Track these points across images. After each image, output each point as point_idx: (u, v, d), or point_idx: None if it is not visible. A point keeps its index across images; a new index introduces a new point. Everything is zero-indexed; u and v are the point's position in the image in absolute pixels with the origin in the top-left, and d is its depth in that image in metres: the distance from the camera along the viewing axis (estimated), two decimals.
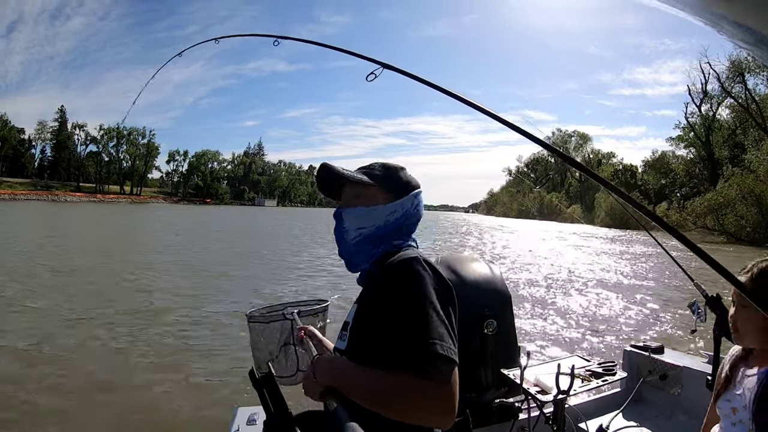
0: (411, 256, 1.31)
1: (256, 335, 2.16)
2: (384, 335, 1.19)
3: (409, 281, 1.23)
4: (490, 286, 2.11)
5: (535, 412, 2.11)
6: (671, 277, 14.56)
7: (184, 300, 9.07)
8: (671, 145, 72.17)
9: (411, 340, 1.12)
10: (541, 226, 64.22)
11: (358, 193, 1.49)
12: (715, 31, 1.42)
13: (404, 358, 1.11)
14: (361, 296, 1.44)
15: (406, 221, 1.48)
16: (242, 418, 2.19)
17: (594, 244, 30.53)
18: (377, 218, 1.45)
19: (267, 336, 2.13)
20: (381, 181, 1.49)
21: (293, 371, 2.10)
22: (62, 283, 10.13)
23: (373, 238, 1.45)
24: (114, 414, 4.40)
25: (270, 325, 2.14)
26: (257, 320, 2.17)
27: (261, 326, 2.15)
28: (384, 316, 1.22)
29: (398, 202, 1.47)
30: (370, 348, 1.25)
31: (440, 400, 1.07)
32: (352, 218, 1.47)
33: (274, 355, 2.12)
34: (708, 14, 1.42)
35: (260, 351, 2.14)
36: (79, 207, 64.92)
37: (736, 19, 1.33)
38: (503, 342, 2.08)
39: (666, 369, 2.73)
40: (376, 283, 1.36)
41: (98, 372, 5.27)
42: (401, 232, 1.48)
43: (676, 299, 10.91)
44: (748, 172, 42.00)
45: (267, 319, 2.16)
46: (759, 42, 1.38)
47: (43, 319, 7.17)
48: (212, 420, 4.28)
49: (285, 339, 2.12)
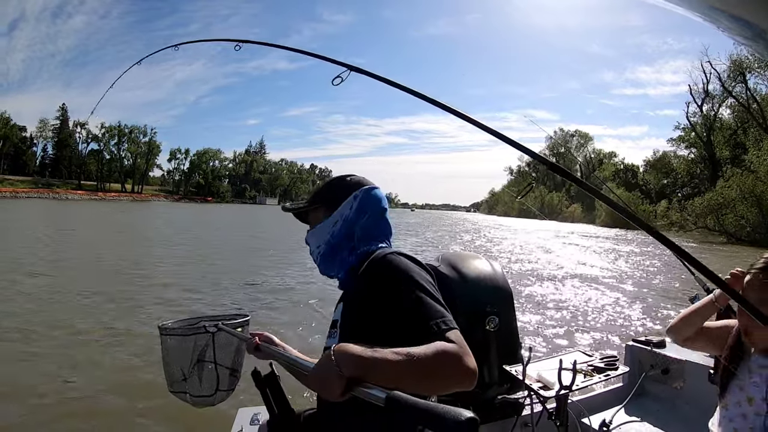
0: (385, 252, 1.41)
1: (168, 349, 2.00)
2: (383, 326, 1.23)
3: (393, 271, 1.31)
4: (492, 283, 2.12)
5: (538, 408, 2.11)
6: (672, 272, 14.55)
7: (182, 300, 9.13)
8: (672, 145, 72.17)
9: (419, 323, 1.17)
10: (541, 225, 64.14)
11: (311, 218, 1.66)
12: (713, 26, 1.43)
13: (421, 336, 1.13)
14: (345, 295, 1.53)
15: (354, 226, 1.55)
16: (245, 418, 2.18)
17: (595, 243, 30.48)
18: (324, 233, 1.57)
19: (179, 351, 1.98)
20: (320, 199, 1.63)
21: (211, 391, 1.99)
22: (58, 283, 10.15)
23: (330, 251, 1.57)
24: (114, 415, 4.42)
25: (185, 339, 1.98)
26: (170, 333, 2.00)
27: (174, 340, 1.99)
28: (379, 308, 1.27)
29: (335, 212, 1.56)
30: (367, 341, 1.20)
31: (469, 360, 1.11)
32: (310, 240, 1.63)
33: (186, 373, 1.99)
34: (706, 9, 1.43)
35: (171, 367, 2.00)
36: (81, 205, 64.86)
37: (734, 14, 1.34)
38: (505, 338, 2.09)
39: (668, 363, 2.74)
40: (358, 283, 1.43)
41: (97, 372, 5.29)
42: (361, 237, 1.54)
43: (677, 293, 10.97)
44: (749, 172, 41.94)
45: (184, 332, 1.99)
46: (757, 36, 1.39)
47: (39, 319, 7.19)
48: (214, 421, 4.27)
49: (200, 355, 1.97)
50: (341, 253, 1.55)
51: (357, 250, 1.52)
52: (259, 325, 1.70)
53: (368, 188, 1.60)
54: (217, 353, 1.96)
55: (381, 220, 1.59)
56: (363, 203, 1.56)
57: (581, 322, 8.12)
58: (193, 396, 2.01)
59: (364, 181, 1.63)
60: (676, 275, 13.66)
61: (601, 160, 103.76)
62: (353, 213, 1.55)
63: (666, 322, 8.00)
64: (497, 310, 2.04)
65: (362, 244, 1.53)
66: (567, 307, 9.28)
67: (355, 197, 1.56)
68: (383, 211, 1.61)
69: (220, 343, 1.96)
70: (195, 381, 1.98)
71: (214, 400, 2.00)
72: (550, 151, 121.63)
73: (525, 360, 2.00)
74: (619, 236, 39.75)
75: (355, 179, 1.63)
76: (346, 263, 1.53)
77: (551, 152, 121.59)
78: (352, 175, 1.66)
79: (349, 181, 1.62)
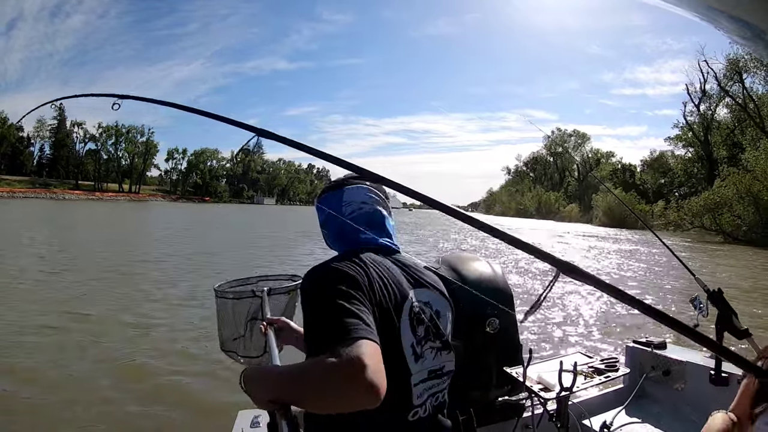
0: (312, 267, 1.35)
1: (224, 312, 2.09)
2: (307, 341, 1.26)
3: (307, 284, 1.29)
4: (492, 285, 2.12)
5: (539, 410, 2.12)
6: (672, 273, 14.58)
7: (183, 299, 9.11)
8: (670, 144, 72.46)
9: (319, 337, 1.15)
10: (538, 224, 64.25)
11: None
12: (712, 26, 1.44)
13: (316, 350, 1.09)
14: None
15: (334, 230, 1.54)
16: (245, 420, 2.17)
17: (593, 243, 30.50)
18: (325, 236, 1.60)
19: (235, 313, 2.07)
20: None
21: (259, 352, 2.05)
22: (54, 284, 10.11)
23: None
24: (113, 416, 4.39)
25: (240, 302, 2.07)
26: (225, 296, 2.10)
27: (230, 302, 2.09)
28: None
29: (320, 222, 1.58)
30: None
31: (363, 374, 0.97)
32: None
33: (241, 334, 2.07)
34: (705, 10, 1.43)
35: (227, 329, 2.10)
36: (77, 205, 64.76)
37: (734, 14, 1.34)
38: (506, 340, 2.09)
39: (669, 364, 2.74)
40: None
41: (95, 374, 5.27)
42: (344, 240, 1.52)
43: (677, 295, 10.97)
44: (745, 171, 42.02)
45: (236, 295, 2.09)
46: (756, 37, 1.39)
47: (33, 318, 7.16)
48: (214, 422, 4.26)
49: (253, 315, 2.06)
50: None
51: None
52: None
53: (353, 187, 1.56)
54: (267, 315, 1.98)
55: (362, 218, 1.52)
56: (333, 205, 1.54)
57: (582, 324, 8.12)
58: (242, 356, 2.10)
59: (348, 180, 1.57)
60: (676, 276, 13.70)
61: (598, 160, 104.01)
62: (324, 217, 1.56)
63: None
64: (497, 312, 2.04)
65: (338, 247, 1.55)
66: (567, 308, 9.28)
67: (319, 207, 1.58)
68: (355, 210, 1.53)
69: (272, 305, 2.02)
70: (246, 341, 2.08)
71: (261, 361, 2.06)
72: (548, 151, 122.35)
73: (525, 362, 2.00)
74: (616, 236, 39.85)
75: (330, 182, 1.63)
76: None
77: (549, 152, 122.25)
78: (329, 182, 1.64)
79: (327, 185, 1.62)
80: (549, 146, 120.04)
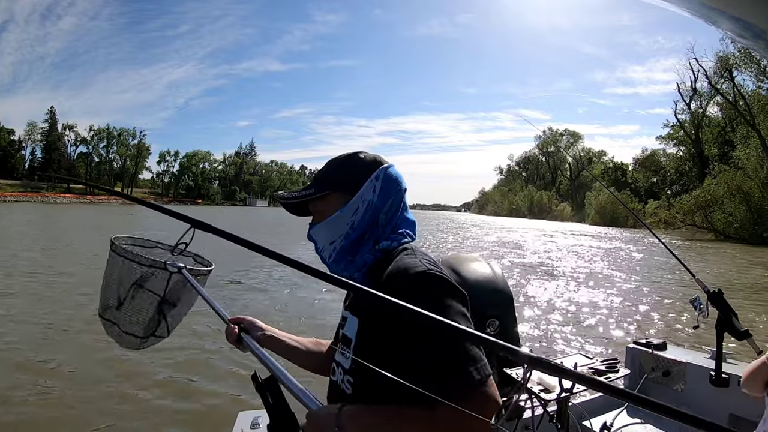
0: (420, 267, 1.12)
1: (113, 268, 1.80)
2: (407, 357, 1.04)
3: (429, 300, 1.03)
4: (492, 286, 2.11)
5: (539, 411, 2.11)
6: (671, 272, 14.64)
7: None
8: (661, 143, 72.88)
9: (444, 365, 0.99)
10: (530, 224, 64.44)
11: (316, 208, 1.37)
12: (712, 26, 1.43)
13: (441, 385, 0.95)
14: (361, 308, 1.25)
15: (376, 214, 1.30)
16: (245, 421, 2.16)
17: (589, 242, 30.61)
18: (341, 226, 1.31)
19: (125, 274, 1.79)
20: (332, 184, 1.34)
21: (145, 333, 1.84)
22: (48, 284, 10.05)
23: (349, 248, 1.31)
24: (112, 418, 4.35)
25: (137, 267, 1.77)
26: (123, 254, 1.79)
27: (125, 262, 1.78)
28: (402, 336, 1.05)
29: (356, 197, 1.30)
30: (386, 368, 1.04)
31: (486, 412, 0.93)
32: (320, 236, 1.35)
33: (122, 299, 1.80)
34: (705, 9, 1.43)
35: (109, 288, 1.82)
36: (69, 208, 64.30)
37: (734, 14, 1.34)
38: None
39: (669, 365, 2.75)
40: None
41: (94, 375, 5.22)
42: (382, 229, 1.30)
43: (677, 295, 10.99)
44: (736, 169, 42.31)
45: (140, 260, 1.78)
46: (756, 37, 1.39)
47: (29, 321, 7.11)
48: (214, 423, 4.27)
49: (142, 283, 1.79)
50: (363, 248, 1.29)
51: (379, 243, 1.27)
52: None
53: (387, 166, 1.35)
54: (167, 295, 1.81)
55: (403, 206, 1.35)
56: (386, 184, 1.31)
57: (582, 325, 8.13)
58: (122, 331, 1.84)
59: (379, 158, 1.38)
60: (676, 276, 13.75)
61: (590, 159, 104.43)
62: (377, 197, 1.29)
63: (666, 324, 8.09)
64: (498, 314, 2.03)
65: (384, 237, 1.29)
66: (567, 310, 9.31)
67: (377, 177, 1.31)
68: (404, 193, 1.37)
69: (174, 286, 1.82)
70: (129, 312, 1.82)
71: (141, 344, 1.85)
72: (540, 150, 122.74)
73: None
74: (609, 235, 40.03)
75: (370, 156, 1.37)
76: (367, 261, 1.27)
77: (541, 151, 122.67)
78: (362, 151, 1.38)
79: (364, 158, 1.36)
80: (541, 146, 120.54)
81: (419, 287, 1.06)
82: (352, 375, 1.22)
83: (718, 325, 2.20)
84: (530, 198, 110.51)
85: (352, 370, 1.22)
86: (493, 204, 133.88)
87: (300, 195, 1.36)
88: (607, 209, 66.27)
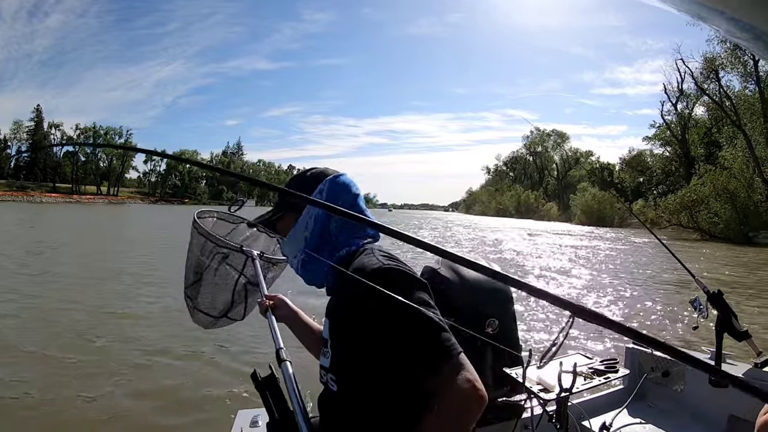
0: (376, 264, 1.25)
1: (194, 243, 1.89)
2: (380, 352, 1.19)
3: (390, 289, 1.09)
4: (491, 285, 2.10)
5: (538, 411, 2.11)
6: (671, 273, 14.72)
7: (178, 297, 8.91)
8: (648, 143, 73.52)
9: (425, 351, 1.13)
10: (516, 223, 64.73)
11: (280, 227, 1.53)
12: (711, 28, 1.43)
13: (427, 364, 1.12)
14: (331, 311, 1.40)
15: (326, 224, 1.42)
16: (245, 420, 2.15)
17: (579, 242, 30.78)
18: (298, 241, 1.44)
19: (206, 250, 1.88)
20: (284, 205, 1.52)
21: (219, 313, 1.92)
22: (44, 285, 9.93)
23: (309, 259, 1.42)
24: (110, 414, 4.34)
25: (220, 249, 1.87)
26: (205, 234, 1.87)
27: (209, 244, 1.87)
28: (373, 331, 1.18)
29: (303, 214, 1.44)
30: (362, 363, 1.25)
31: (481, 389, 1.11)
32: (286, 251, 1.52)
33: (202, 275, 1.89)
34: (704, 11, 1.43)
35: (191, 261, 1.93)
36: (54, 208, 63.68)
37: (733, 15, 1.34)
38: (505, 340, 2.08)
39: (668, 366, 2.75)
40: (342, 296, 1.35)
41: (92, 375, 5.19)
42: (335, 237, 1.42)
43: (676, 295, 11.06)
44: (722, 169, 42.71)
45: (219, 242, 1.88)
46: (756, 39, 1.39)
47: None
48: (214, 422, 4.25)
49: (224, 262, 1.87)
50: (328, 256, 1.39)
51: (338, 250, 1.40)
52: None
53: (333, 177, 1.46)
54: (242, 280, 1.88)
55: (356, 209, 1.44)
56: (331, 195, 1.43)
57: (581, 324, 8.06)
58: (196, 308, 1.94)
59: (326, 171, 1.49)
60: (675, 276, 13.83)
61: (577, 159, 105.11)
62: (321, 212, 1.42)
63: (666, 325, 8.14)
64: (497, 313, 2.03)
65: (342, 242, 1.40)
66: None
67: (320, 191, 1.43)
68: (355, 197, 1.47)
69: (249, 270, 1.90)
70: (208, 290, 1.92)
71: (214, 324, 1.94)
72: (527, 150, 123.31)
73: (525, 362, 1.99)
74: (597, 234, 40.30)
75: (315, 171, 1.50)
76: (328, 269, 1.40)
77: (528, 151, 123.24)
78: (312, 168, 1.52)
79: (309, 175, 1.49)
80: (529, 145, 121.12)
81: (378, 283, 1.10)
82: (334, 373, 1.33)
83: (718, 325, 2.21)
84: (517, 198, 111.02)
85: (333, 369, 1.34)
86: (480, 204, 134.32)
87: (262, 220, 1.56)
88: (593, 209, 66.75)
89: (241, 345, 6.14)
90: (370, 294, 1.12)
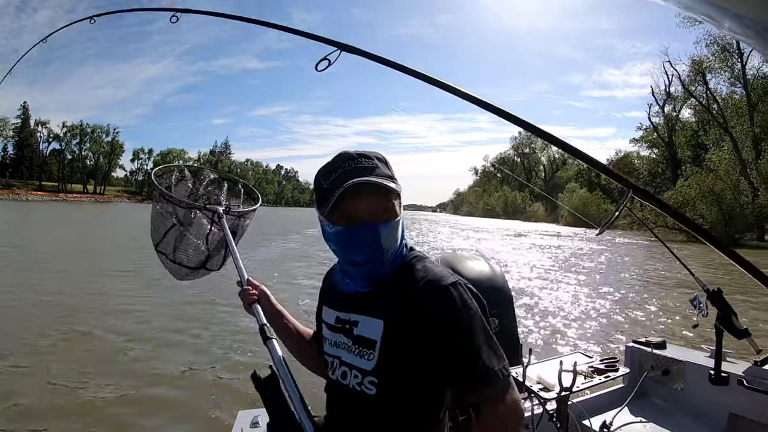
0: (447, 281, 1.20)
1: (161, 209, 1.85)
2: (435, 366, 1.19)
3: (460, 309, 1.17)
4: (492, 285, 2.10)
5: (539, 410, 2.11)
6: (670, 272, 14.80)
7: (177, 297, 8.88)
8: (635, 145, 74.04)
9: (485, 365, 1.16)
10: (503, 224, 64.97)
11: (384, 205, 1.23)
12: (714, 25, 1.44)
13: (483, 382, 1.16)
14: (384, 312, 1.23)
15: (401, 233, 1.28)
16: (245, 420, 2.14)
17: (570, 243, 31.00)
18: (400, 229, 1.27)
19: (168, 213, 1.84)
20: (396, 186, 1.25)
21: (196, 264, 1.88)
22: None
23: (398, 251, 1.27)
24: (111, 417, 4.31)
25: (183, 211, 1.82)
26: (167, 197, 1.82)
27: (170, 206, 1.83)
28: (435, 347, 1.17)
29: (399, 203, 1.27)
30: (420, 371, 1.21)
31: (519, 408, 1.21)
32: (388, 236, 1.23)
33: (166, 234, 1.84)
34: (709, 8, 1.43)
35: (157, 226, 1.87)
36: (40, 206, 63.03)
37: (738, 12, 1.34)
38: (505, 340, 2.07)
39: (668, 364, 2.77)
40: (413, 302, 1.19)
41: (92, 374, 5.15)
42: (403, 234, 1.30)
43: (676, 294, 11.12)
44: (708, 171, 43.03)
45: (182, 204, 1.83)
46: (757, 35, 1.40)
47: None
48: (213, 422, 4.24)
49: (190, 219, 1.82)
50: (398, 254, 1.28)
51: (404, 249, 1.30)
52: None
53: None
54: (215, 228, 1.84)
55: None
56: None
57: (581, 324, 8.15)
58: (171, 260, 1.88)
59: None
60: (675, 275, 13.90)
61: (564, 161, 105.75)
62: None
63: (666, 323, 8.17)
64: (497, 312, 2.02)
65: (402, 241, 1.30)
66: (567, 309, 9.34)
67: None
68: None
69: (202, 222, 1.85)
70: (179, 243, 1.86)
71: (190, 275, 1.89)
72: (515, 152, 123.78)
73: (525, 362, 1.99)
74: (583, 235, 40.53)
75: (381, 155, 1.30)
76: (395, 266, 1.27)
77: (516, 152, 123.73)
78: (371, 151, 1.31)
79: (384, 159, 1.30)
80: (516, 147, 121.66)
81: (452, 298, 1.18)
82: (377, 376, 1.24)
83: (718, 323, 2.21)
84: (504, 198, 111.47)
85: (377, 372, 1.24)
86: (468, 204, 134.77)
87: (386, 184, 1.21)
88: (580, 210, 67.09)
89: (241, 345, 6.12)
90: (448, 306, 1.17)
